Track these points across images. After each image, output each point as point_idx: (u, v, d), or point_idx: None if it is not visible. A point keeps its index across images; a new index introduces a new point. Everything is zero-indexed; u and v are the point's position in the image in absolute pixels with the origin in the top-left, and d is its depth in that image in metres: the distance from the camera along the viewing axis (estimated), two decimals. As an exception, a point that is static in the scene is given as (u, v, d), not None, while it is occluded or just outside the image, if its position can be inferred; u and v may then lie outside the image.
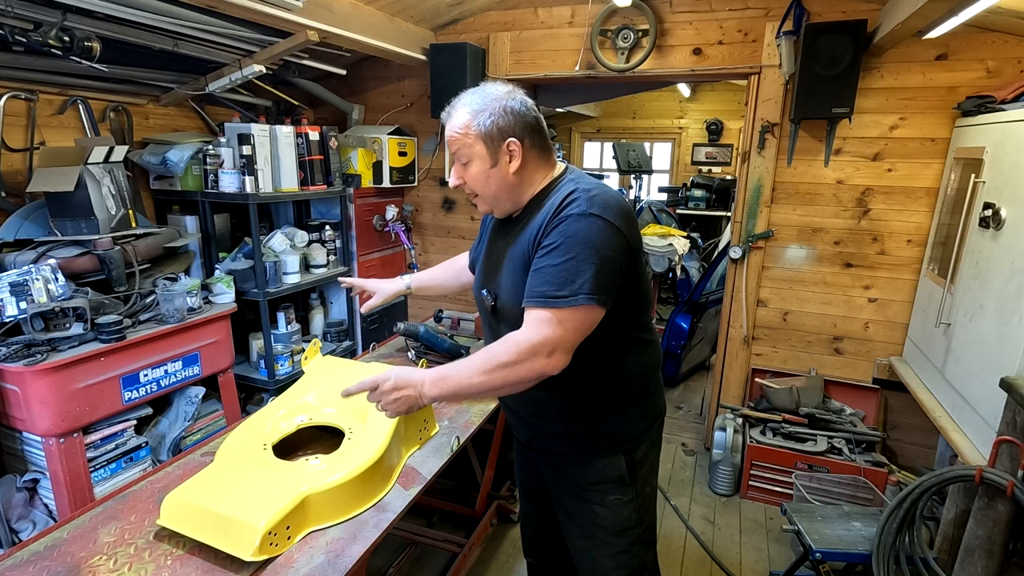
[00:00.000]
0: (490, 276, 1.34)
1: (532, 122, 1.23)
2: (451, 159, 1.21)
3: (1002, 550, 1.67)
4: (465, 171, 1.25)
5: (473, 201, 1.31)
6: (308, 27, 2.32)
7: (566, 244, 1.12)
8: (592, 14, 2.92)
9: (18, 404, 1.84)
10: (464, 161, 1.24)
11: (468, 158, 1.23)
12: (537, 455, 1.46)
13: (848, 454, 2.66)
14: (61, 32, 1.89)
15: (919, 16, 1.96)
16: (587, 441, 1.34)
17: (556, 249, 1.13)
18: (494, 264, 1.33)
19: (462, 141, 1.21)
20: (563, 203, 1.17)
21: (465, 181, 1.26)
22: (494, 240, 1.37)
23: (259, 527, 1.11)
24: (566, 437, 1.35)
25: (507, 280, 1.27)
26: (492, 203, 1.28)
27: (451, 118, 1.23)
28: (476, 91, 1.23)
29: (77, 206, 2.10)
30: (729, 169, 6.66)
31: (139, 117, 2.66)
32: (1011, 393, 1.60)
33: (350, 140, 3.14)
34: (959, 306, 2.14)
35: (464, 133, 1.21)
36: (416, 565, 2.33)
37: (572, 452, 1.36)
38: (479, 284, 1.39)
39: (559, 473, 1.41)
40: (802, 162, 2.79)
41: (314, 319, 3.24)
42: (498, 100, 1.19)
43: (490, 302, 1.32)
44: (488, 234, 1.43)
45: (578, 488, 1.38)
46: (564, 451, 1.37)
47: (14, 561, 1.12)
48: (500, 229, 1.36)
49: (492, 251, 1.36)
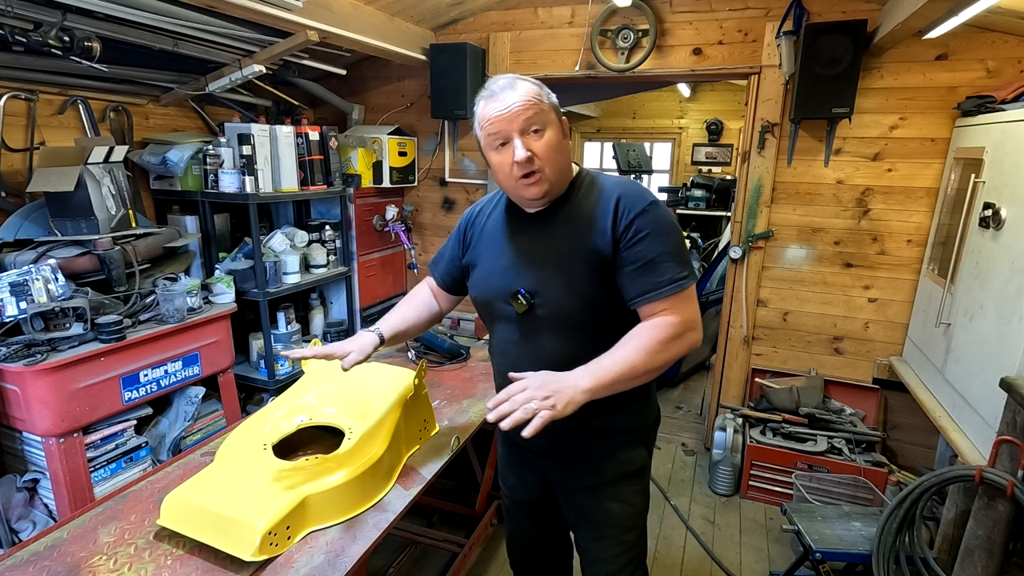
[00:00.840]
0: (521, 277, 1.23)
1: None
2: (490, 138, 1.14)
3: (1002, 550, 1.67)
4: (538, 140, 1.15)
5: (530, 181, 1.17)
6: (308, 27, 2.32)
7: (662, 230, 1.15)
8: (592, 14, 2.92)
9: (18, 404, 1.84)
10: (536, 127, 1.15)
11: (543, 125, 1.15)
12: (555, 460, 1.39)
13: (848, 454, 2.66)
14: (61, 32, 1.89)
15: (919, 16, 1.96)
16: (613, 435, 1.32)
17: (656, 237, 1.14)
18: (526, 264, 1.24)
19: (538, 107, 1.15)
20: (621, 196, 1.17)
21: (535, 153, 1.14)
22: (513, 238, 1.28)
23: (259, 527, 1.11)
24: (593, 434, 1.31)
25: (560, 279, 1.20)
26: (554, 181, 1.19)
27: (513, 90, 1.14)
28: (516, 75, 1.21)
29: (77, 206, 2.10)
30: (729, 169, 6.66)
31: (139, 117, 2.66)
32: (1011, 393, 1.60)
33: (350, 140, 3.14)
34: (959, 306, 2.14)
35: (537, 99, 1.15)
36: (416, 565, 2.33)
37: (596, 450, 1.33)
38: (499, 288, 1.27)
39: (575, 476, 1.37)
40: (802, 162, 2.79)
41: (314, 319, 3.23)
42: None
43: (524, 306, 1.22)
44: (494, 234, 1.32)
45: (594, 487, 1.35)
46: (588, 450, 1.33)
47: (14, 561, 1.12)
48: (519, 226, 1.28)
49: (516, 250, 1.26)
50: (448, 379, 2.08)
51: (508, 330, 1.30)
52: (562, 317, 1.20)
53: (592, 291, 1.19)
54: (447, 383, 2.04)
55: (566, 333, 1.22)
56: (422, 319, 1.52)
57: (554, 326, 1.22)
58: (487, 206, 1.40)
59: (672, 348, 1.13)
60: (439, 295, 1.52)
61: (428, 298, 1.54)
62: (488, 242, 1.34)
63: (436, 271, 1.51)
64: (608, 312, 1.21)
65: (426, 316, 1.53)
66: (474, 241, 1.37)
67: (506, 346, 1.32)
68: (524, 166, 1.14)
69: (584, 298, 1.19)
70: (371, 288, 3.38)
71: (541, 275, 1.21)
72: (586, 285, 1.18)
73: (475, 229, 1.38)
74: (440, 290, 1.51)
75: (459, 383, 2.05)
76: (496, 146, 1.17)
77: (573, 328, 1.22)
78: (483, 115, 1.17)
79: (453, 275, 1.45)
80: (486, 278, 1.32)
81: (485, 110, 1.16)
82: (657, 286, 1.13)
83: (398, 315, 1.50)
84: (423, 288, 1.56)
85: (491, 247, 1.32)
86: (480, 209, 1.41)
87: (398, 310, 1.52)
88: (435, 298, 1.53)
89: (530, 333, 1.25)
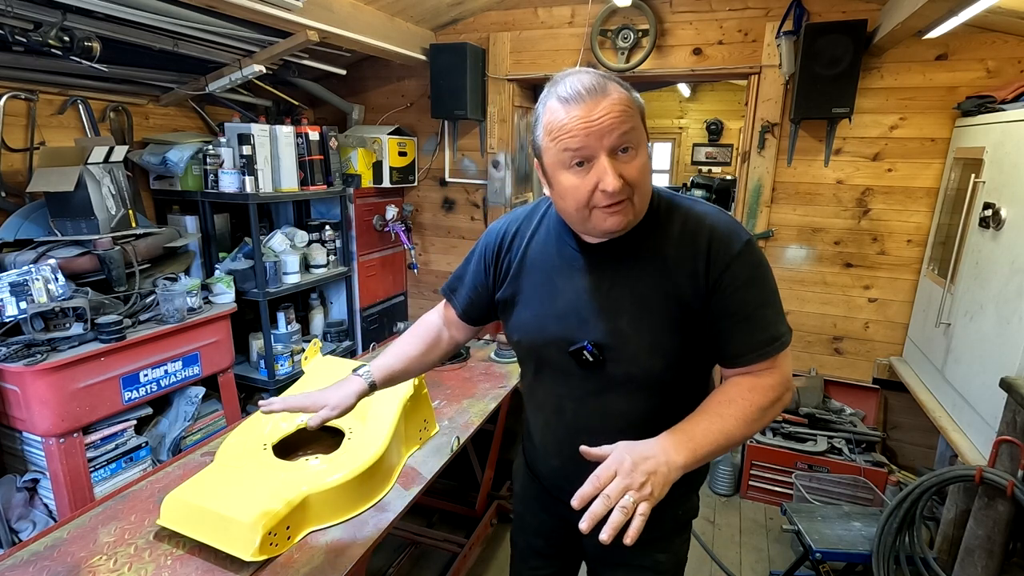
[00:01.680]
0: (586, 325, 1.00)
1: None
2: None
3: (1002, 550, 1.67)
4: (629, 162, 0.89)
5: (614, 211, 0.91)
6: (308, 27, 2.32)
7: (761, 276, 0.98)
8: (592, 14, 2.92)
9: (18, 404, 1.84)
10: (629, 146, 0.89)
11: (637, 144, 0.90)
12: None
13: (848, 454, 2.66)
14: (61, 32, 1.89)
15: (919, 16, 1.96)
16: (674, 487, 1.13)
17: (756, 285, 0.97)
18: (585, 309, 1.01)
19: (634, 120, 0.89)
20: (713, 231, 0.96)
21: (627, 179, 0.89)
22: (571, 275, 1.03)
23: (259, 527, 1.11)
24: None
25: (639, 332, 0.98)
26: (640, 210, 0.94)
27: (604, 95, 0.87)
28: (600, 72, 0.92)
29: (77, 206, 2.10)
30: (729, 169, 6.66)
31: (139, 117, 2.66)
32: (1011, 393, 1.60)
33: (350, 140, 3.14)
34: (959, 306, 2.14)
35: (632, 109, 0.89)
36: (416, 565, 2.33)
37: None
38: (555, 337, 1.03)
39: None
40: (802, 162, 2.79)
41: (314, 319, 3.24)
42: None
43: (592, 361, 1.00)
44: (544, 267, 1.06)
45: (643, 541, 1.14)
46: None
47: (14, 561, 1.12)
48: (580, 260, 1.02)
49: (577, 291, 1.02)
50: (448, 379, 2.08)
51: (562, 384, 1.08)
52: (638, 376, 1.01)
53: (675, 345, 0.99)
54: (447, 383, 2.04)
55: (641, 392, 1.03)
56: (427, 358, 1.25)
57: (626, 384, 1.02)
58: (525, 226, 1.12)
59: (771, 414, 0.97)
60: (455, 326, 1.26)
61: (437, 331, 1.27)
62: (535, 275, 1.07)
63: (456, 301, 1.22)
64: (690, 367, 1.03)
65: (433, 355, 1.27)
66: (513, 271, 1.10)
67: (561, 403, 1.10)
68: (613, 196, 0.88)
69: (667, 354, 0.99)
70: (371, 288, 3.38)
71: (614, 326, 0.99)
72: (668, 338, 0.98)
73: (512, 256, 1.11)
74: (459, 320, 1.24)
75: (459, 383, 2.05)
76: (571, 164, 0.89)
77: (651, 388, 1.02)
78: (557, 122, 0.89)
79: (477, 305, 1.19)
80: (537, 322, 1.07)
81: (561, 115, 0.88)
82: (761, 345, 0.97)
83: (396, 353, 1.22)
84: (432, 318, 1.29)
85: (540, 283, 1.07)
86: (517, 230, 1.12)
87: (397, 347, 1.24)
88: (448, 328, 1.27)
89: (594, 391, 1.04)
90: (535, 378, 1.15)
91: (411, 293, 3.77)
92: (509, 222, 1.15)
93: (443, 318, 1.28)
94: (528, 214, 1.14)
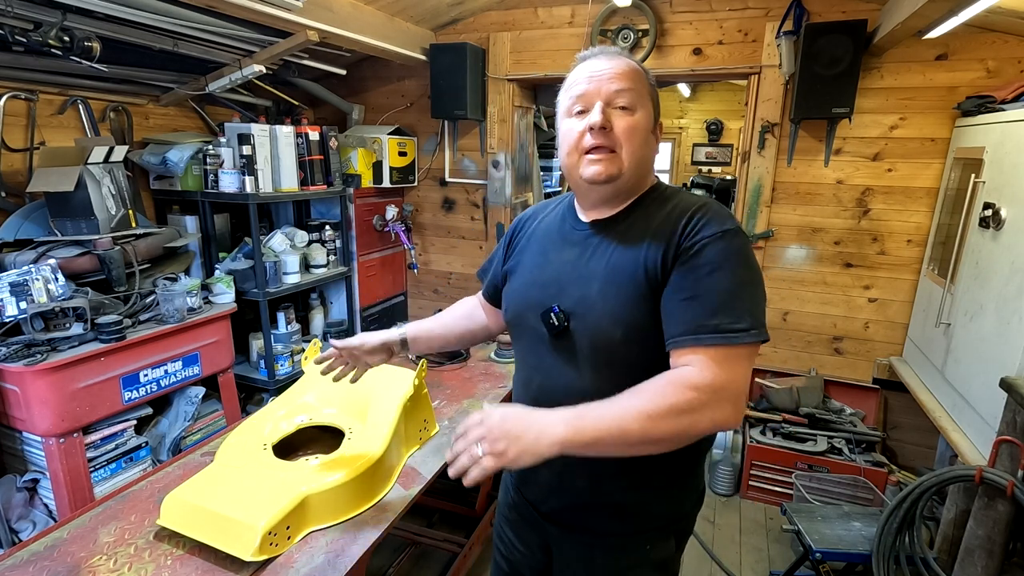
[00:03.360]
0: (562, 293, 1.02)
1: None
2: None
3: (1002, 550, 1.67)
4: (623, 117, 0.96)
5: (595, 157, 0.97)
6: (308, 27, 2.32)
7: (731, 264, 0.91)
8: (592, 14, 2.92)
9: (18, 404, 1.84)
10: (625, 104, 0.96)
11: (633, 104, 0.97)
12: (561, 530, 1.14)
13: (848, 454, 2.66)
14: (61, 32, 1.89)
15: (919, 16, 1.96)
16: (641, 519, 1.07)
17: (722, 271, 0.90)
18: (565, 277, 1.03)
19: (635, 82, 0.98)
20: (696, 212, 0.95)
21: (612, 126, 0.96)
22: (563, 248, 1.07)
23: (259, 527, 1.11)
24: (617, 512, 1.07)
25: (604, 299, 0.97)
26: (630, 168, 0.98)
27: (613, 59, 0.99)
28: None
29: (77, 206, 2.10)
30: (729, 169, 6.66)
31: (139, 117, 2.66)
32: (1011, 393, 1.60)
33: (350, 140, 3.14)
34: (959, 306, 2.14)
35: (637, 78, 0.98)
36: (416, 565, 2.33)
37: (618, 532, 1.09)
38: (535, 302, 1.05)
39: (587, 555, 1.12)
40: (802, 162, 2.79)
41: (314, 319, 3.23)
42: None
43: (557, 326, 1.00)
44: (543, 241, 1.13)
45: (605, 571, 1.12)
46: (609, 530, 1.09)
47: (14, 561, 1.12)
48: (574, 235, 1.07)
49: (563, 262, 1.06)
50: (448, 379, 2.08)
51: (534, 354, 1.08)
52: (600, 346, 0.98)
53: (636, 317, 0.95)
54: (447, 383, 2.04)
55: (606, 369, 0.99)
56: (460, 328, 1.33)
57: (591, 356, 1.00)
58: (542, 210, 1.21)
59: (681, 421, 0.84)
60: (486, 308, 1.33)
61: (472, 306, 1.35)
62: (534, 248, 1.14)
63: (483, 280, 1.31)
64: (651, 344, 0.95)
65: (465, 327, 1.33)
66: (519, 247, 1.18)
67: (530, 375, 1.10)
68: (596, 135, 0.95)
69: (626, 325, 0.95)
70: (371, 288, 3.38)
71: (584, 293, 0.99)
72: (629, 309, 0.95)
73: (524, 233, 1.19)
74: (486, 302, 1.31)
75: (459, 383, 2.05)
76: (574, 112, 0.99)
77: (613, 362, 0.99)
78: (572, 77, 1.02)
79: (496, 287, 1.24)
80: (524, 288, 1.11)
81: (576, 72, 1.01)
82: (698, 329, 0.88)
83: (432, 318, 1.33)
84: (470, 299, 1.38)
85: (536, 255, 1.12)
86: (534, 212, 1.22)
87: (436, 315, 1.35)
88: (482, 310, 1.34)
89: (562, 361, 1.03)
90: (517, 352, 1.17)
91: (411, 293, 3.77)
92: (535, 209, 1.24)
93: (479, 301, 1.36)
94: (549, 202, 1.23)
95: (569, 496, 1.09)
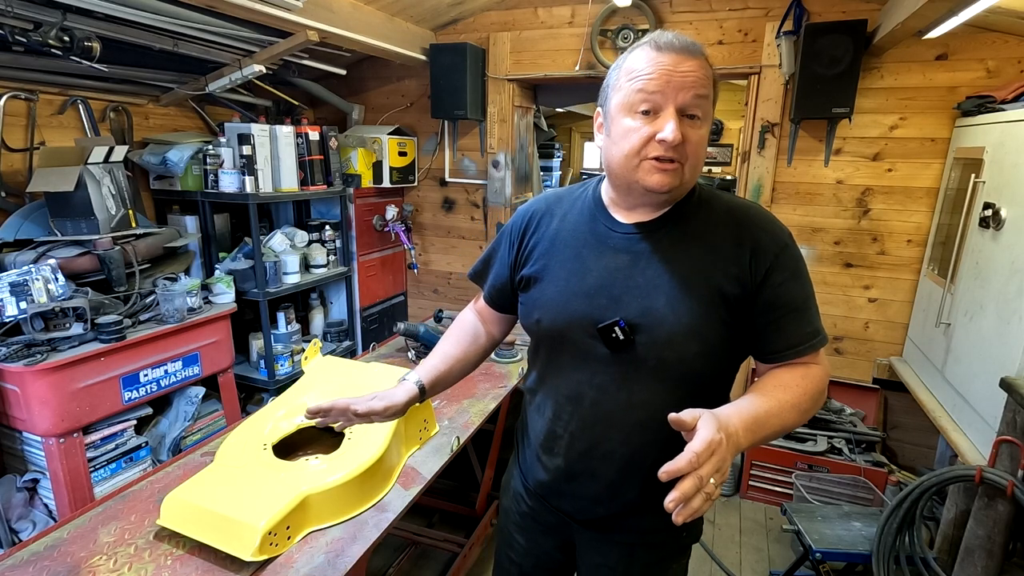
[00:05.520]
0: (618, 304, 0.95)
1: None
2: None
3: (1002, 550, 1.67)
4: (694, 128, 0.89)
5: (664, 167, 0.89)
6: (308, 27, 2.32)
7: (802, 271, 0.96)
8: (592, 14, 2.92)
9: (18, 404, 1.84)
10: (697, 114, 0.88)
11: (705, 115, 0.89)
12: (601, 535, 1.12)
13: (848, 454, 2.66)
14: (61, 32, 1.89)
15: (919, 16, 1.96)
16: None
17: (799, 279, 0.95)
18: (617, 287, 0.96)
19: (710, 91, 0.89)
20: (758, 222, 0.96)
21: (687, 140, 0.88)
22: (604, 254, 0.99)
23: (259, 527, 1.11)
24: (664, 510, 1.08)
25: (677, 313, 0.92)
26: (688, 180, 0.93)
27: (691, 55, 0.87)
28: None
29: (77, 206, 2.10)
30: (729, 169, 6.66)
31: (139, 117, 2.66)
32: (1011, 393, 1.60)
33: (350, 140, 3.14)
34: (959, 306, 2.14)
35: (708, 84, 0.89)
36: (416, 565, 2.33)
37: (663, 528, 1.07)
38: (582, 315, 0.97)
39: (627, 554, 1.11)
40: (802, 162, 2.79)
41: (314, 319, 3.24)
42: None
43: (623, 340, 0.93)
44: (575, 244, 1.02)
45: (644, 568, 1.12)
46: (654, 527, 1.08)
47: (14, 561, 1.12)
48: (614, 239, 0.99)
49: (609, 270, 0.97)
50: (448, 379, 2.08)
51: (583, 370, 1.00)
52: (671, 361, 0.94)
53: (715, 333, 0.93)
54: (447, 383, 2.04)
55: (669, 382, 0.96)
56: (468, 355, 1.23)
57: (657, 372, 0.95)
58: (556, 206, 1.09)
59: (819, 404, 0.94)
60: (487, 317, 1.24)
61: (473, 328, 1.25)
62: (566, 253, 1.03)
63: (479, 283, 1.23)
64: (723, 358, 0.99)
65: (473, 351, 1.23)
66: (539, 249, 1.06)
67: (580, 390, 1.01)
68: (667, 148, 0.87)
69: (704, 340, 0.93)
70: (371, 288, 3.38)
71: (648, 305, 0.93)
72: (707, 323, 0.92)
73: (539, 233, 1.08)
74: (488, 309, 1.23)
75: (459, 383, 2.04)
76: (638, 109, 0.88)
77: (683, 377, 0.96)
78: (642, 63, 0.88)
79: (500, 289, 1.17)
80: (562, 298, 1.00)
81: (649, 58, 0.88)
82: (809, 337, 0.94)
83: (439, 354, 1.21)
84: (467, 316, 1.27)
85: (570, 260, 1.01)
86: (546, 208, 1.10)
87: (439, 349, 1.23)
88: (483, 323, 1.25)
89: (618, 377, 0.97)
90: (549, 364, 1.07)
91: (411, 293, 3.77)
92: (539, 201, 1.13)
93: (477, 313, 1.26)
94: (561, 195, 1.12)
95: (619, 504, 1.07)
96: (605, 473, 1.04)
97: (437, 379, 1.18)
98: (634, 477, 1.02)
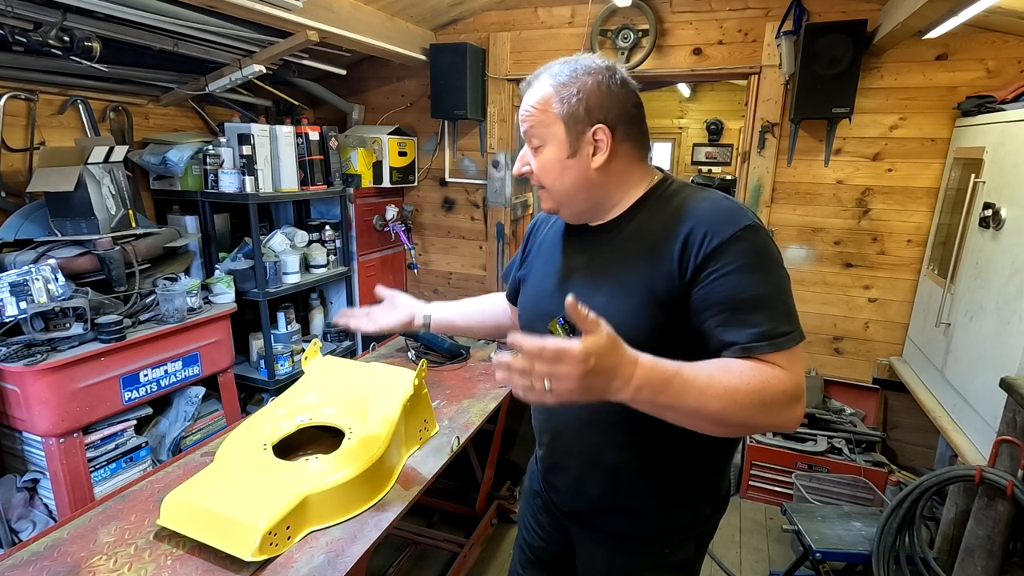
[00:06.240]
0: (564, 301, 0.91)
1: (632, 109, 0.97)
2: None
3: (1002, 550, 1.67)
4: (536, 157, 0.99)
5: (538, 194, 1.05)
6: (308, 27, 2.32)
7: (761, 267, 0.87)
8: (592, 14, 2.92)
9: (18, 404, 1.84)
10: (536, 144, 0.99)
11: (542, 141, 0.98)
12: (581, 528, 1.17)
13: (848, 454, 2.66)
14: (61, 32, 1.89)
15: (919, 16, 1.96)
16: (660, 523, 1.08)
17: (748, 273, 0.86)
18: (573, 285, 1.01)
19: (537, 119, 0.97)
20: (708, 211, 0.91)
21: (532, 170, 1.00)
22: (567, 255, 1.07)
23: (259, 527, 1.11)
24: (636, 516, 1.08)
25: (611, 310, 0.86)
26: (561, 201, 1.01)
27: (530, 89, 0.99)
28: (568, 60, 0.97)
29: (77, 206, 2.10)
30: (729, 169, 6.66)
31: (139, 117, 2.66)
32: (1011, 393, 1.60)
33: (350, 140, 3.14)
34: (959, 306, 2.14)
35: (542, 109, 0.96)
36: (416, 565, 2.33)
37: (636, 535, 1.10)
38: (544, 312, 1.03)
39: (607, 555, 1.14)
40: (802, 162, 2.79)
41: (314, 319, 3.24)
42: (593, 74, 0.94)
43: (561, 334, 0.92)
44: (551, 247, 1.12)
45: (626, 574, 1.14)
46: (627, 532, 1.10)
47: (14, 561, 1.12)
48: (577, 241, 1.06)
49: (567, 270, 1.06)
50: (448, 379, 2.08)
51: None
52: None
53: (645, 331, 0.89)
54: (447, 383, 2.04)
55: None
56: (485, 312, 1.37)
57: None
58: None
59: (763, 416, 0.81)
60: (511, 309, 1.35)
61: (500, 301, 1.37)
62: (543, 255, 1.14)
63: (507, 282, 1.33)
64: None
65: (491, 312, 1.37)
66: (532, 252, 1.19)
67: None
68: (533, 179, 1.01)
69: (634, 342, 0.80)
70: (371, 288, 3.36)
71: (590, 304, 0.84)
72: (638, 326, 0.90)
73: (537, 238, 1.19)
74: (509, 304, 1.34)
75: (459, 383, 2.05)
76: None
77: None
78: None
79: (516, 288, 1.26)
80: (534, 296, 1.12)
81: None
82: (756, 337, 0.84)
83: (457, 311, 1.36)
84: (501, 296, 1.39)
85: (544, 262, 1.12)
86: (547, 215, 1.20)
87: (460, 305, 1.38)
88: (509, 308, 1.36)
89: None
90: None
91: (411, 293, 3.74)
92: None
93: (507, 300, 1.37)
94: None
95: (586, 500, 1.12)
96: (570, 466, 1.11)
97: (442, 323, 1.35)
98: (595, 474, 1.07)
